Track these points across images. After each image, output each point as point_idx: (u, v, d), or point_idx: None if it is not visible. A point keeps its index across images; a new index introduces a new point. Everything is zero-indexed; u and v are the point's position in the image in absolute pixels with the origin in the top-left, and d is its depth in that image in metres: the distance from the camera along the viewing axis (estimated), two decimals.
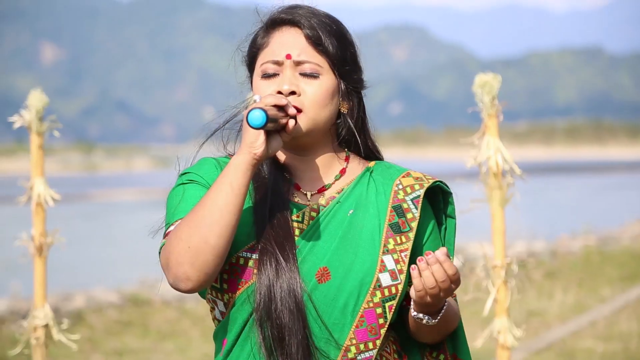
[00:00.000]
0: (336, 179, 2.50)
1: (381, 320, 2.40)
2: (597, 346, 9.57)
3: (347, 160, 2.53)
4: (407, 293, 2.45)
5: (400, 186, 2.49)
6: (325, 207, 2.45)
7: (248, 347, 2.39)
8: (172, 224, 2.40)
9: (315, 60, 2.45)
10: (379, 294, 2.39)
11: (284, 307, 2.35)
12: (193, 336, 10.61)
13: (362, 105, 2.53)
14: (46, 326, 4.02)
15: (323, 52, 2.45)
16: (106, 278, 14.75)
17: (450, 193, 2.54)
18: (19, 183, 4.08)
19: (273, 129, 2.34)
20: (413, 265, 2.36)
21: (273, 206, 2.42)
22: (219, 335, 2.46)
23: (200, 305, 11.61)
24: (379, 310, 2.39)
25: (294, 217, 2.43)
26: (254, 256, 2.39)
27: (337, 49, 2.46)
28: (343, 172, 2.51)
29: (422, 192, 2.49)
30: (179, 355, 9.82)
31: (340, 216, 2.44)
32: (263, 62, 2.47)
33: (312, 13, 2.48)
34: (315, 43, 2.45)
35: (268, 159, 2.44)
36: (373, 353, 2.40)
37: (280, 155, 2.51)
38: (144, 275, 13.13)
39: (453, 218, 2.55)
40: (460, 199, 2.74)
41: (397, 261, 2.42)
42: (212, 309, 2.47)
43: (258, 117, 2.29)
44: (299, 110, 2.41)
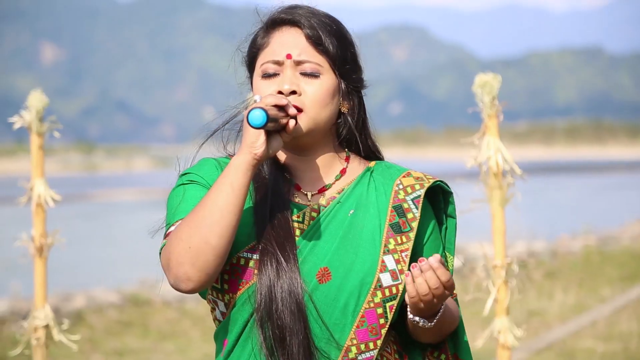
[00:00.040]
0: (336, 179, 2.50)
1: (382, 321, 2.40)
2: (597, 346, 9.57)
3: (347, 160, 2.52)
4: None
5: (401, 186, 2.49)
6: (325, 207, 2.45)
7: (249, 348, 2.39)
8: (173, 225, 2.40)
9: (315, 59, 2.44)
10: (379, 294, 2.39)
11: (284, 308, 2.35)
12: (193, 336, 10.60)
13: (362, 105, 2.53)
14: (46, 326, 4.02)
15: (323, 51, 2.45)
16: (106, 278, 14.75)
17: (451, 192, 2.54)
18: (19, 184, 4.08)
19: (273, 129, 2.33)
20: (407, 271, 2.36)
21: (273, 206, 2.41)
22: (220, 336, 2.46)
23: (201, 305, 11.61)
24: (379, 311, 2.39)
25: (294, 218, 2.43)
26: (255, 256, 2.39)
27: (338, 48, 2.46)
28: (343, 172, 2.51)
29: (422, 192, 2.48)
30: (179, 356, 9.82)
31: (341, 216, 2.43)
32: (263, 62, 2.46)
33: (312, 13, 2.48)
34: (316, 43, 2.45)
35: (268, 159, 2.44)
36: (374, 353, 2.39)
37: (281, 155, 2.50)
38: (144, 275, 13.13)
39: (454, 217, 2.55)
40: (461, 199, 2.73)
41: (397, 261, 2.41)
42: (213, 310, 2.47)
43: (259, 116, 2.29)
44: (299, 110, 2.41)
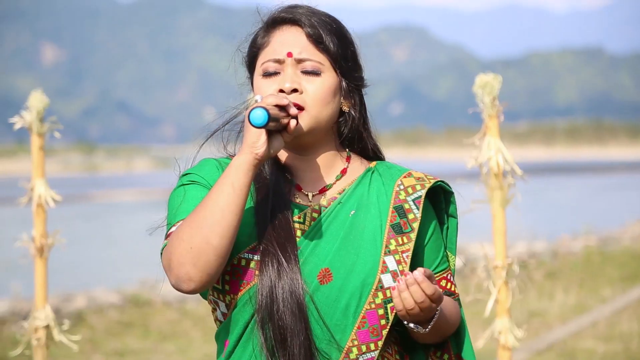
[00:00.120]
0: (337, 179, 2.49)
1: (383, 322, 2.39)
2: (598, 347, 9.57)
3: (348, 160, 2.52)
4: None
5: (402, 186, 2.49)
6: (326, 207, 2.44)
7: (250, 348, 2.39)
8: (174, 225, 2.40)
9: (316, 58, 2.44)
10: (380, 295, 2.39)
11: (285, 309, 2.34)
12: (194, 337, 10.60)
13: (363, 104, 2.53)
14: (47, 327, 4.01)
15: (324, 50, 2.45)
16: (107, 279, 14.75)
17: (452, 192, 2.54)
18: (19, 184, 4.07)
19: (274, 128, 2.33)
20: (393, 285, 2.35)
21: (274, 207, 2.41)
22: (221, 336, 2.45)
23: (201, 306, 11.61)
24: (380, 312, 2.39)
25: (295, 218, 2.42)
26: (256, 257, 2.38)
27: (338, 47, 2.46)
28: (344, 172, 2.50)
29: (423, 192, 2.48)
30: (179, 356, 9.81)
31: (342, 217, 2.43)
32: (264, 61, 2.46)
33: (312, 12, 2.48)
34: (316, 41, 2.45)
35: (269, 159, 2.43)
36: (375, 354, 2.39)
37: (281, 155, 2.50)
38: (144, 275, 13.11)
39: (455, 217, 2.55)
40: (461, 200, 2.73)
41: (398, 262, 2.41)
42: (214, 310, 2.46)
43: (260, 115, 2.28)
44: (301, 108, 2.41)
